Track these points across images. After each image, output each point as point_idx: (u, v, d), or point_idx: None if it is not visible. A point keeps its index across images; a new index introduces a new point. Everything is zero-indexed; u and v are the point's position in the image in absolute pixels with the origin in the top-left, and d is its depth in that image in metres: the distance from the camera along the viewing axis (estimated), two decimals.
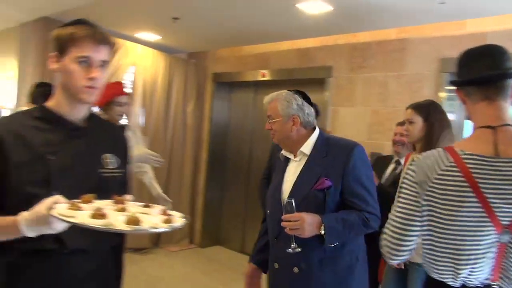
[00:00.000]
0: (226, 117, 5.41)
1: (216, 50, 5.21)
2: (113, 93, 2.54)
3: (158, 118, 4.93)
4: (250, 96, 5.19)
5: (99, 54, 1.18)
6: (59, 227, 1.02)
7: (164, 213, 1.11)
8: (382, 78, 3.76)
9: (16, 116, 1.28)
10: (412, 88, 3.54)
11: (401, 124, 2.77)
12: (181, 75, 5.17)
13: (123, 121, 2.84)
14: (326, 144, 1.68)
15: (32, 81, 3.91)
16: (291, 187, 1.66)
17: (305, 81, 4.44)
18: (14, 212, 1.04)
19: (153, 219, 1.04)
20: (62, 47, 1.17)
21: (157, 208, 1.15)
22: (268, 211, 1.77)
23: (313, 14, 3.34)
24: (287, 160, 1.76)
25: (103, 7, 3.63)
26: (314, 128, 1.75)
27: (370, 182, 1.65)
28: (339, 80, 4.11)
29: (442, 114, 2.18)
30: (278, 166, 1.81)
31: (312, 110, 1.74)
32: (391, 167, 2.78)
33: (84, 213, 0.98)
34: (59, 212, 0.97)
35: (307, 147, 1.69)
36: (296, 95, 1.71)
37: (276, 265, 1.72)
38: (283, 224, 1.52)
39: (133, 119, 4.63)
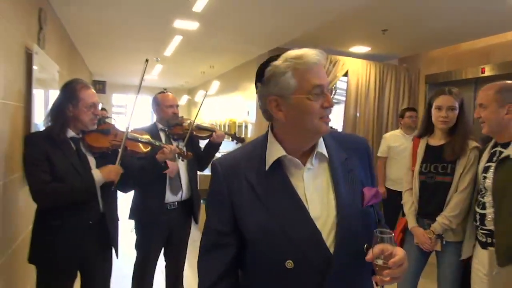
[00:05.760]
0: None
1: (427, 51, 5.15)
2: None
3: (369, 120, 5.25)
4: (470, 95, 4.89)
5: None
6: None
7: None
8: None
9: None
10: None
11: None
12: (393, 80, 5.34)
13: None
14: (334, 141, 1.13)
15: None
16: (337, 208, 1.01)
17: None
18: None
19: None
20: None
21: None
22: (291, 262, 0.97)
23: None
24: (284, 170, 1.05)
25: (323, 31, 4.24)
26: None
27: None
28: None
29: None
30: (269, 183, 1.03)
31: None
32: None
33: None
34: None
35: (321, 146, 1.09)
36: None
37: None
38: (385, 274, 0.92)
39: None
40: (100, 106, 2.07)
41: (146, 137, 2.29)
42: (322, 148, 1.08)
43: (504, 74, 4.22)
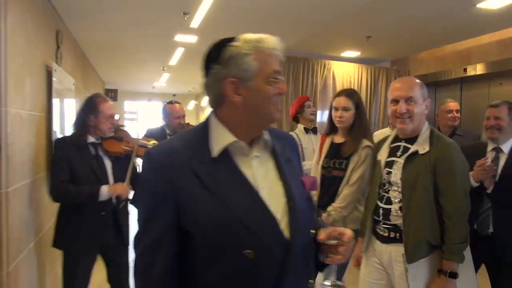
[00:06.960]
0: (431, 117, 5.53)
1: (416, 54, 5.46)
2: (303, 100, 3.36)
3: None
4: (456, 94, 5.18)
5: None
6: None
7: None
8: None
9: None
10: None
11: (494, 106, 2.34)
12: (384, 81, 5.67)
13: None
14: (268, 131, 1.08)
15: None
16: (287, 194, 1.00)
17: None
18: None
19: None
20: None
21: None
22: (251, 252, 0.92)
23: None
24: (232, 158, 0.99)
25: (313, 38, 4.61)
26: None
27: None
28: None
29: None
30: (217, 172, 0.96)
31: None
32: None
33: None
34: None
35: (265, 133, 1.06)
36: None
37: None
38: (341, 250, 0.97)
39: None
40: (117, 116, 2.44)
41: (153, 142, 2.63)
42: (267, 135, 1.05)
43: (485, 74, 4.52)
